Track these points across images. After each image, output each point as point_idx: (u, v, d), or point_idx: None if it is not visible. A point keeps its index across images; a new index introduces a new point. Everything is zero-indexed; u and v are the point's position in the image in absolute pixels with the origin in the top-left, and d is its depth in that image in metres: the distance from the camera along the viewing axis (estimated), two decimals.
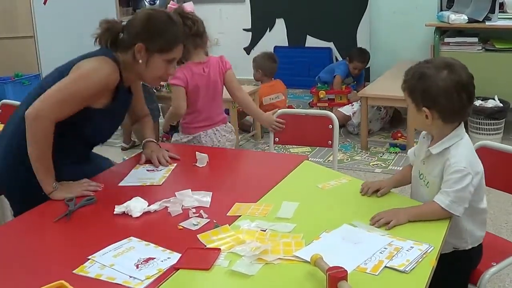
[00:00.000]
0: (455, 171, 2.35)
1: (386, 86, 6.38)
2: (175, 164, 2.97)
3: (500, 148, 2.86)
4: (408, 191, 2.75)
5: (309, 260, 1.98)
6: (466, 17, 6.10)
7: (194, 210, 2.44)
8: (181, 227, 2.32)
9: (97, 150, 3.19)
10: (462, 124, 2.49)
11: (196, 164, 2.95)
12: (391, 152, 5.98)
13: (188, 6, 4.00)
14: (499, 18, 6.21)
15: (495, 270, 2.65)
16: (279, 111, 3.70)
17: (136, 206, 2.44)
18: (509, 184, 2.85)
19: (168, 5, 4.46)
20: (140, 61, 2.84)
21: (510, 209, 4.51)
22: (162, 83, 6.53)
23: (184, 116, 3.78)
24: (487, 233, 2.70)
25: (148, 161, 3.05)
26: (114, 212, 2.44)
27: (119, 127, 3.93)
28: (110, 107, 2.89)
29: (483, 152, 2.75)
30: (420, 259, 2.04)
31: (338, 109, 6.68)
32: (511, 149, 2.80)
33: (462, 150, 2.42)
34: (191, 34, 3.69)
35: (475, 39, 6.21)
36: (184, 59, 3.78)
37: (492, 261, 2.69)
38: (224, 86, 3.75)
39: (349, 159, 5.85)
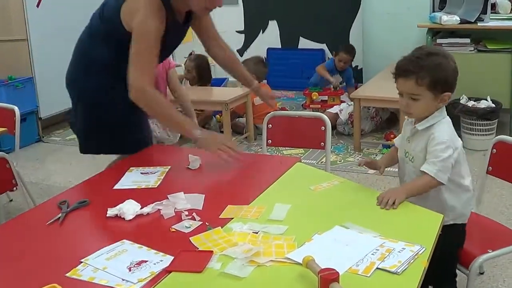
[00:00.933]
0: (439, 142, 2.61)
1: (379, 87, 6.41)
2: (169, 167, 2.97)
3: None
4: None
5: (301, 262, 1.99)
6: (458, 18, 6.13)
7: (186, 213, 2.44)
8: (174, 230, 2.32)
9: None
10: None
11: (189, 167, 2.95)
12: (384, 153, 5.98)
13: None
14: (491, 18, 6.24)
15: (488, 256, 2.73)
16: (271, 112, 3.71)
17: (129, 209, 2.44)
18: None
19: None
20: None
21: None
22: None
23: None
24: (492, 221, 2.77)
25: (141, 164, 3.04)
26: (107, 215, 2.44)
27: None
28: (163, 41, 3.05)
29: (500, 147, 2.95)
30: (412, 260, 2.04)
31: (327, 110, 6.70)
32: None
33: (444, 126, 2.67)
34: None
35: (467, 40, 6.24)
36: None
37: (489, 248, 2.74)
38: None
39: (342, 161, 5.85)
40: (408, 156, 2.77)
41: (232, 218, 2.40)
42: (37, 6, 6.95)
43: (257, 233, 2.26)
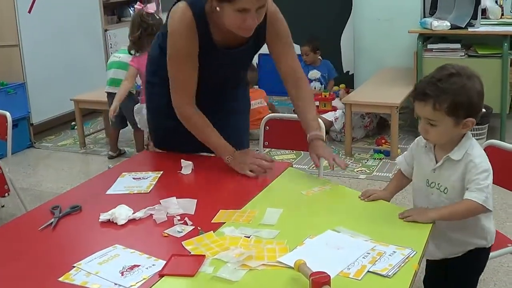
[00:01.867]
0: (483, 170, 2.41)
1: (370, 92, 6.44)
2: (161, 172, 2.98)
3: (506, 148, 2.97)
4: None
5: (292, 265, 2.00)
6: (448, 24, 6.16)
7: (178, 218, 2.44)
8: (166, 235, 2.32)
9: (83, 158, 3.20)
10: None
11: (181, 172, 2.96)
12: (375, 159, 6.02)
13: (151, 8, 5.50)
14: (481, 24, 6.27)
15: None
16: (267, 116, 3.71)
17: (121, 213, 2.44)
18: None
19: (136, 6, 5.12)
20: (218, 8, 2.75)
21: None
22: None
23: (142, 91, 4.99)
24: None
25: (133, 169, 3.04)
26: (99, 220, 2.44)
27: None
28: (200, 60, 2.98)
29: (490, 151, 2.83)
30: (403, 264, 2.05)
31: (321, 115, 6.70)
32: None
33: (479, 151, 2.49)
34: (147, 34, 5.35)
35: (458, 45, 6.27)
36: (140, 50, 5.53)
37: None
38: None
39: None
40: (436, 186, 2.55)
41: (224, 223, 2.41)
42: (29, 11, 6.96)
43: (249, 237, 2.27)
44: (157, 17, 5.58)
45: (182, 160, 2.99)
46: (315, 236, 2.26)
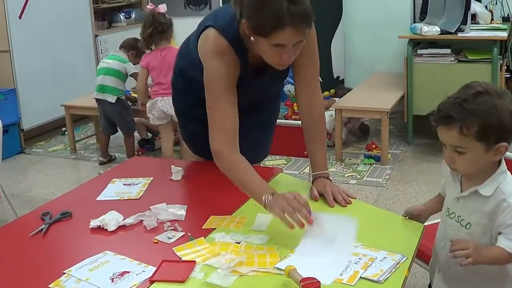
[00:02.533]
0: None
1: (361, 98, 6.46)
2: (152, 178, 2.98)
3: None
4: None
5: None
6: (438, 29, 6.18)
7: (169, 224, 2.44)
8: (156, 241, 2.32)
9: (73, 163, 3.20)
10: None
11: (172, 178, 2.96)
12: (365, 164, 6.03)
13: (162, 8, 5.80)
14: (471, 29, 6.29)
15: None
16: None
17: (111, 220, 2.44)
18: None
19: (147, 6, 5.36)
20: (252, 38, 2.49)
21: None
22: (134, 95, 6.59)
23: (151, 86, 5.85)
24: None
25: (124, 175, 3.04)
26: (89, 226, 2.44)
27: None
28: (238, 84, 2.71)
29: None
30: (394, 269, 2.06)
31: None
32: None
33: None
34: (158, 32, 5.67)
35: (448, 51, 6.29)
36: (149, 48, 5.86)
37: None
38: None
39: None
40: (455, 218, 2.28)
41: (215, 229, 2.41)
42: (20, 17, 6.96)
43: (239, 243, 2.27)
44: (168, 17, 5.79)
45: (172, 166, 2.98)
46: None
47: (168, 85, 3.78)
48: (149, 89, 5.95)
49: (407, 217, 2.49)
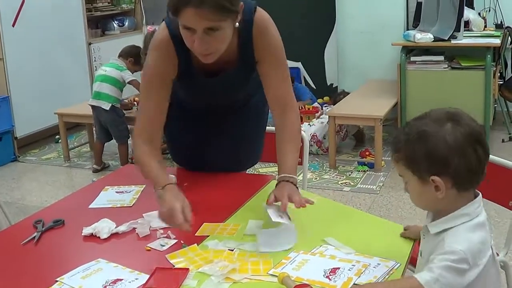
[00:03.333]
0: (448, 251, 1.80)
1: (354, 105, 6.47)
2: (144, 186, 2.97)
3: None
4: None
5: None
6: (432, 36, 6.21)
7: (161, 231, 2.43)
8: (149, 248, 2.31)
9: (67, 171, 3.19)
10: (480, 198, 1.92)
11: None
12: (359, 171, 6.03)
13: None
14: (464, 36, 6.33)
15: None
16: None
17: (104, 227, 2.43)
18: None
19: (148, 27, 5.34)
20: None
21: None
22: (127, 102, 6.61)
23: None
24: None
25: (117, 183, 3.03)
26: (82, 234, 2.43)
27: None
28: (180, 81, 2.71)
29: None
30: (387, 276, 2.05)
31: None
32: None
33: (466, 234, 1.84)
34: None
35: (441, 58, 6.33)
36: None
37: None
38: None
39: (318, 178, 5.88)
40: (420, 254, 2.07)
41: (208, 236, 2.40)
42: (13, 25, 6.97)
43: (232, 250, 2.27)
44: None
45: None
46: (300, 250, 2.26)
47: None
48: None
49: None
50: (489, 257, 1.86)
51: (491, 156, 2.39)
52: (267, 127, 3.17)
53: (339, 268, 2.10)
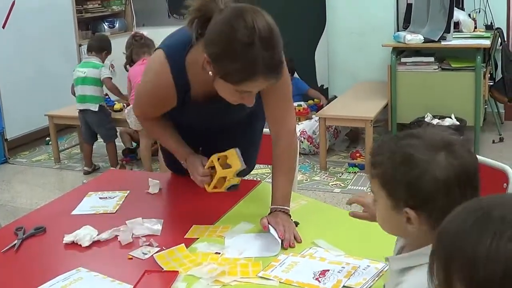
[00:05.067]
0: None
1: (345, 106, 6.47)
2: (128, 191, 2.96)
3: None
4: None
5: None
6: (422, 37, 6.21)
7: (144, 239, 2.41)
8: (131, 257, 2.29)
9: (58, 173, 3.18)
10: None
11: (149, 191, 2.94)
12: (350, 172, 6.03)
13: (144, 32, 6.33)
14: (454, 37, 6.33)
15: None
16: None
17: (85, 235, 2.41)
18: None
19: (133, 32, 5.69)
20: (210, 73, 2.27)
21: None
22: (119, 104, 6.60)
23: (131, 92, 5.92)
24: None
25: (100, 189, 3.01)
26: (63, 242, 2.41)
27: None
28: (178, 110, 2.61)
29: None
30: (377, 278, 2.06)
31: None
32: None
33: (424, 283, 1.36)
34: (139, 46, 6.15)
35: (431, 59, 6.33)
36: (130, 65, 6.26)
37: None
38: None
39: (308, 180, 5.88)
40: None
41: (198, 238, 2.40)
42: (3, 27, 6.96)
43: (220, 253, 2.27)
44: (148, 38, 6.32)
45: (149, 179, 2.97)
46: (289, 253, 2.26)
47: None
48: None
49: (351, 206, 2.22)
50: None
51: (481, 158, 2.40)
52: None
53: (328, 270, 2.10)
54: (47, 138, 7.35)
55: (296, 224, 2.46)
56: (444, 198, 1.49)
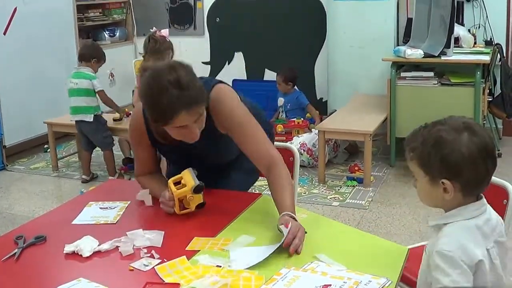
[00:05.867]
0: (440, 253, 2.00)
1: (343, 119, 6.46)
2: (129, 202, 2.95)
3: None
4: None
5: None
6: (422, 52, 6.21)
7: (145, 250, 2.41)
8: (132, 268, 2.28)
9: (56, 181, 3.18)
10: (481, 202, 2.12)
11: (145, 204, 2.93)
12: (348, 186, 6.02)
13: (164, 32, 5.72)
14: (454, 52, 6.33)
15: None
16: None
17: (86, 245, 2.41)
18: None
19: (151, 30, 5.33)
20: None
21: None
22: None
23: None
24: None
25: (101, 199, 3.01)
26: (64, 252, 2.41)
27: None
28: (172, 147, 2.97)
29: None
30: None
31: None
32: None
33: (457, 232, 2.06)
34: (153, 50, 5.52)
35: (431, 74, 6.33)
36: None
37: None
38: None
39: (307, 193, 5.87)
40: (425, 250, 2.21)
41: (199, 251, 2.40)
42: (4, 33, 6.95)
43: (221, 266, 2.26)
44: (167, 40, 5.77)
45: (138, 194, 2.98)
46: (291, 266, 2.25)
47: None
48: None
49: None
50: (481, 259, 2.01)
51: None
52: None
53: (330, 285, 2.10)
54: (46, 146, 7.34)
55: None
56: (471, 169, 1.99)
